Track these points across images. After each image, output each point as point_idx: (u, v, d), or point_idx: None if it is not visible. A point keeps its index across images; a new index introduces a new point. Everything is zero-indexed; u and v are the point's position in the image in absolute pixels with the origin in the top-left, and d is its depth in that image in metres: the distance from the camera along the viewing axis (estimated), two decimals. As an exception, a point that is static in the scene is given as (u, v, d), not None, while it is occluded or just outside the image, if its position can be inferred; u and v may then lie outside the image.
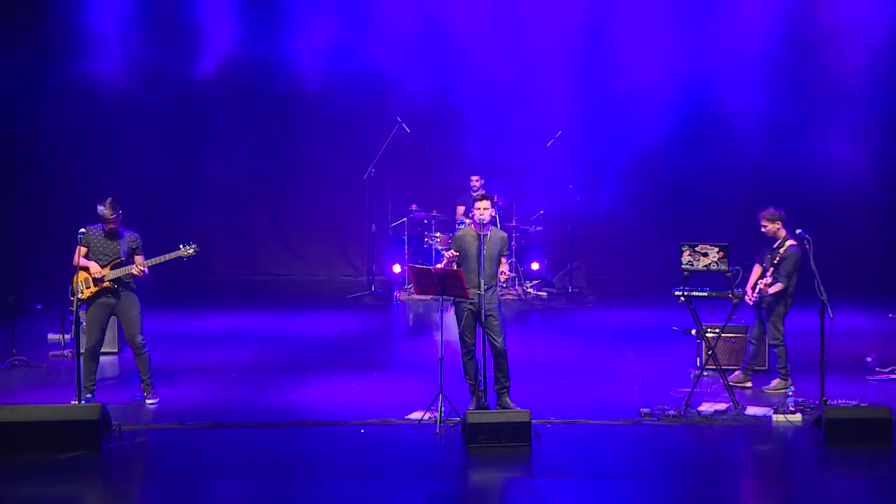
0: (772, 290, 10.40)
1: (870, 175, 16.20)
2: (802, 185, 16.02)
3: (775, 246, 10.58)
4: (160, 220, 15.93)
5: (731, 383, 10.30)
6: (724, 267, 9.88)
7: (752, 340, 10.86)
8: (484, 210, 9.63)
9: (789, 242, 10.51)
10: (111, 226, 9.99)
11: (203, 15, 16.18)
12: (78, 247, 9.97)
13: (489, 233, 9.73)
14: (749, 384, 10.76)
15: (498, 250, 9.79)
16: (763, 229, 10.64)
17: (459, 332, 9.83)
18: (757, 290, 10.48)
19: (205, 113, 16.48)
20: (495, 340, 9.67)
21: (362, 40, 16.38)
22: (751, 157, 16.36)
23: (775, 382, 10.66)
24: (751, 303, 10.61)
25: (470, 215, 10.32)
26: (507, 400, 9.81)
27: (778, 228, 10.61)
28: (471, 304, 9.64)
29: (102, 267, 9.99)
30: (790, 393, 10.06)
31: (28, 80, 15.14)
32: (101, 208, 9.95)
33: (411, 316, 15.00)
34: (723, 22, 16.17)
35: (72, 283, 10.00)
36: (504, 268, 9.92)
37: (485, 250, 9.60)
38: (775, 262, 10.49)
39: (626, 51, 16.37)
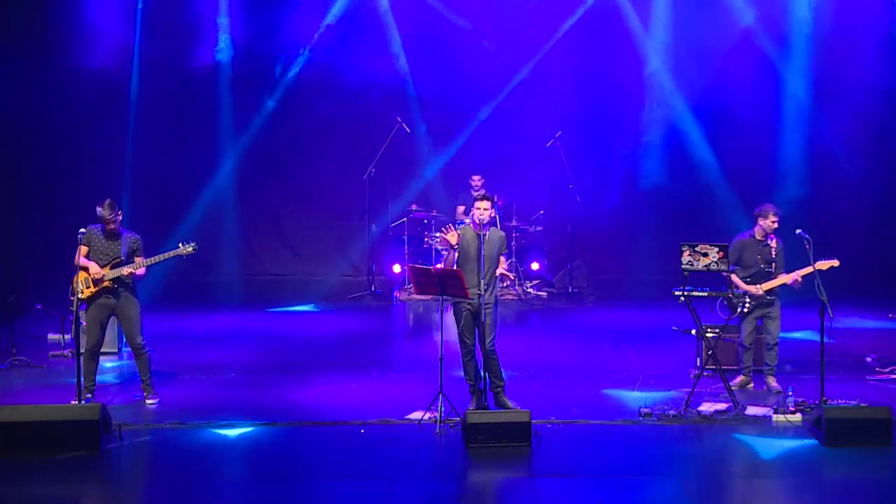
0: (803, 273, 10.31)
1: (870, 174, 16.18)
2: (802, 185, 16.00)
3: (770, 242, 10.55)
4: (160, 219, 15.92)
5: (735, 387, 10.31)
6: (723, 267, 9.89)
7: (748, 344, 10.66)
8: (484, 211, 9.65)
9: (773, 236, 10.57)
10: (111, 226, 10.00)
11: (203, 13, 16.16)
12: (79, 246, 9.97)
13: (488, 233, 9.75)
14: (751, 385, 10.72)
15: (497, 250, 9.83)
16: (776, 225, 10.51)
17: (459, 333, 9.84)
18: (793, 283, 10.37)
19: (205, 112, 16.45)
20: (483, 340, 9.67)
21: (363, 40, 16.37)
22: (751, 157, 16.33)
23: (775, 382, 10.63)
24: (748, 309, 10.47)
25: (469, 215, 10.33)
26: (504, 399, 9.82)
27: None
28: (469, 304, 9.65)
29: (102, 267, 10.00)
30: (790, 393, 10.05)
31: (27, 80, 15.13)
32: (99, 209, 9.96)
33: (411, 316, 15.00)
34: (725, 23, 16.15)
35: (72, 283, 10.00)
36: (504, 265, 9.94)
37: (484, 251, 9.63)
38: (774, 256, 10.47)
39: (627, 51, 16.35)
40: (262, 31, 16.30)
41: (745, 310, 10.48)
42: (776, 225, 10.52)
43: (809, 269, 10.29)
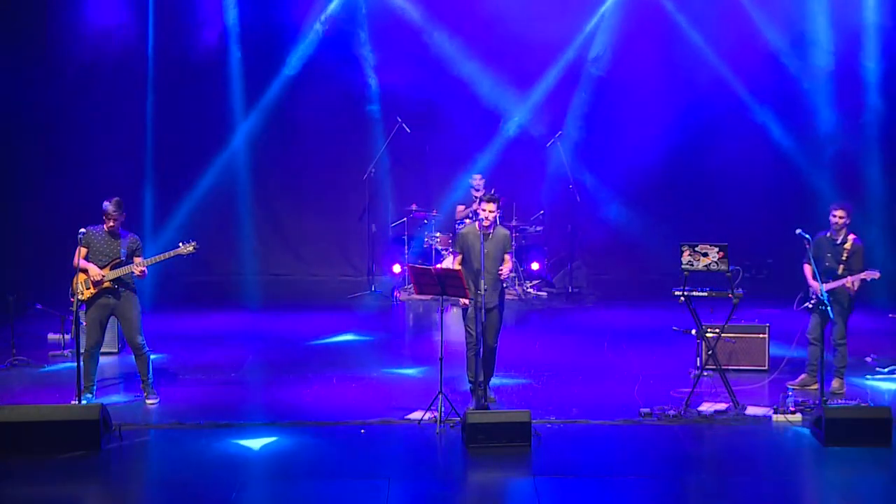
0: (864, 276, 10.18)
1: (869, 173, 16.17)
2: (800, 186, 16.00)
3: (839, 242, 10.43)
4: (159, 219, 15.94)
5: (796, 386, 10.33)
6: (724, 267, 9.88)
7: (815, 341, 10.50)
8: (490, 213, 9.77)
9: (852, 237, 10.43)
10: (112, 224, 9.97)
11: (203, 14, 16.16)
12: (78, 247, 9.96)
13: (492, 232, 9.84)
14: (815, 386, 10.44)
15: (501, 248, 9.93)
16: (836, 220, 10.38)
17: (465, 325, 9.94)
18: (850, 286, 10.21)
19: (204, 112, 16.44)
20: (488, 337, 9.79)
21: (363, 38, 16.38)
22: (752, 158, 16.34)
23: (838, 383, 10.56)
24: (811, 305, 10.36)
25: (475, 215, 10.42)
26: (488, 391, 9.98)
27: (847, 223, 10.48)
28: (475, 300, 9.73)
29: (102, 267, 9.99)
30: (790, 393, 10.05)
31: (26, 78, 15.13)
32: (107, 204, 9.95)
33: (411, 316, 15.00)
34: (727, 27, 16.14)
35: (72, 285, 9.99)
36: (507, 265, 10.01)
37: (488, 249, 9.75)
38: (843, 257, 10.35)
39: (628, 51, 16.34)
40: (266, 25, 16.29)
41: (809, 306, 10.40)
42: (835, 220, 10.37)
43: (866, 276, 10.22)
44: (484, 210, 9.77)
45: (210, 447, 9.07)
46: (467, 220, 14.63)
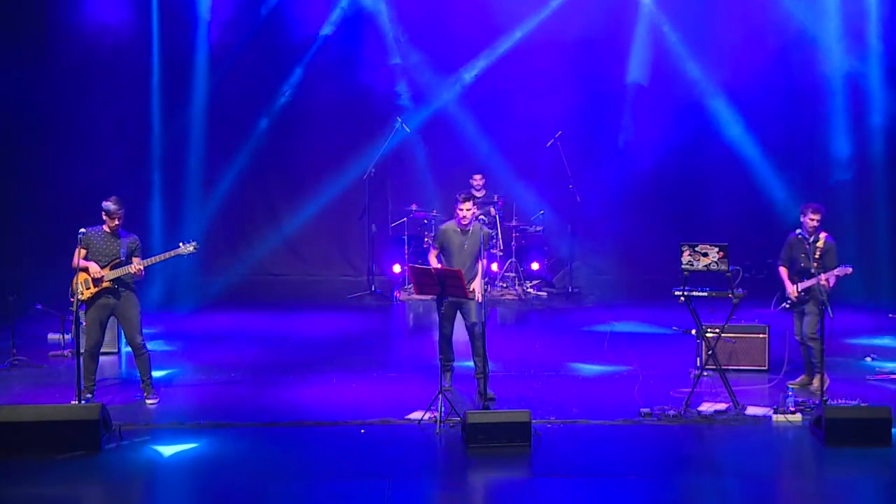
0: (837, 273, 10.26)
1: (869, 174, 16.16)
2: (800, 186, 15.99)
3: (812, 241, 10.49)
4: (160, 219, 15.93)
5: (795, 385, 10.43)
6: (724, 267, 9.87)
7: (797, 339, 10.70)
8: (467, 211, 10.04)
9: (824, 235, 10.51)
10: (115, 222, 9.96)
11: (202, 12, 16.16)
12: (77, 248, 9.95)
13: (470, 229, 10.11)
14: (813, 386, 10.53)
15: (478, 245, 10.11)
16: (813, 223, 10.46)
17: (439, 319, 10.16)
18: (819, 286, 10.24)
19: (204, 112, 16.43)
20: (470, 317, 9.99)
21: (363, 38, 16.37)
22: (753, 158, 16.34)
23: (816, 381, 10.52)
24: (788, 305, 10.55)
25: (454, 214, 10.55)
26: (485, 388, 9.95)
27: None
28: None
29: (102, 267, 9.99)
30: (790, 393, 10.05)
31: (27, 78, 15.13)
32: (108, 204, 9.94)
33: (411, 316, 15.00)
34: (730, 25, 16.14)
35: (72, 285, 9.99)
36: (483, 262, 10.19)
37: (465, 245, 10.07)
38: (817, 256, 10.42)
39: (628, 51, 16.34)
40: (266, 25, 16.29)
41: (786, 306, 10.57)
42: (813, 222, 10.45)
43: (839, 272, 10.27)
44: (461, 209, 10.03)
45: (210, 447, 9.05)
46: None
